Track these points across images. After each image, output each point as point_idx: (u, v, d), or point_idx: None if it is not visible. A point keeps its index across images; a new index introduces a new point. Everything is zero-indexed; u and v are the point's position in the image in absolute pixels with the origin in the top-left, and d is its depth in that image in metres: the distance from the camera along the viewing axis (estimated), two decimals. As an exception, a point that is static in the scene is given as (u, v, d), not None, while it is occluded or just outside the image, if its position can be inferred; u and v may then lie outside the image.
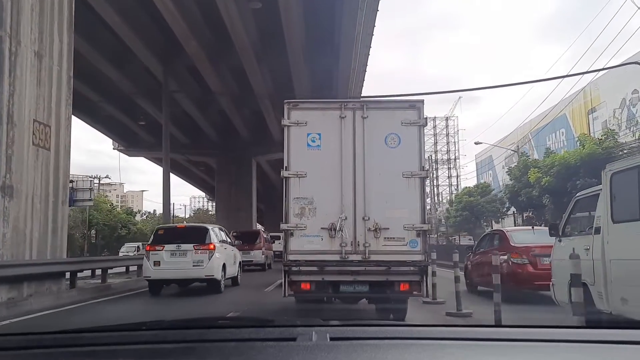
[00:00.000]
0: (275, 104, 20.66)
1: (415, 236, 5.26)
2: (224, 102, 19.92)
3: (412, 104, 5.45)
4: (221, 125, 23.89)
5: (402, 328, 1.29)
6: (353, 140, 5.33)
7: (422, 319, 5.70)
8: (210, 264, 8.91)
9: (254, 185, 26.44)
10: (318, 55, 17.12)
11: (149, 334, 1.27)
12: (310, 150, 5.32)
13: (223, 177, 26.63)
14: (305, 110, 5.46)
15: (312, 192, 5.28)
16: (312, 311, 5.74)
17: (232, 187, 25.71)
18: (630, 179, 4.03)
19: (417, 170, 5.29)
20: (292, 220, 5.26)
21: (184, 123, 23.33)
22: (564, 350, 1.06)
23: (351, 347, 1.06)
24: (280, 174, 5.33)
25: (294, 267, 5.27)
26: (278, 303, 6.38)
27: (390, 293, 5.33)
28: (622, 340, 1.08)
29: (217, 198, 27.61)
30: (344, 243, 5.23)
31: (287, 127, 5.35)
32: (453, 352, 1.05)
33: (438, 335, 1.17)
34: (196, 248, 8.96)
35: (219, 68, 17.37)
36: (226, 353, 1.08)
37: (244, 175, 25.79)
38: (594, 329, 1.20)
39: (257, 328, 1.23)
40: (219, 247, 9.44)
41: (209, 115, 22.41)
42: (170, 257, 8.92)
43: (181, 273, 8.92)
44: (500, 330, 1.28)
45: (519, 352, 1.07)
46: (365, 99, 7.39)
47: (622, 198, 4.16)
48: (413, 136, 5.33)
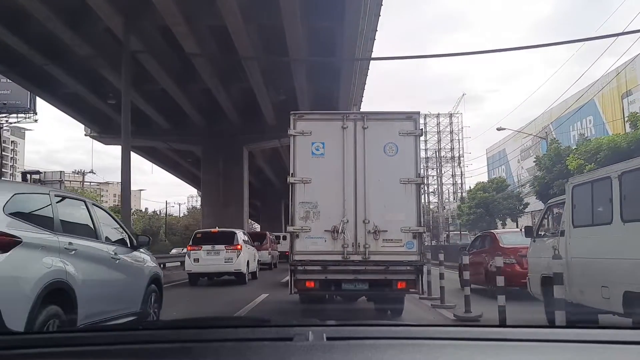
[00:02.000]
0: (268, 78, 20.84)
1: (412, 238, 6.84)
2: (206, 75, 19.59)
3: (408, 116, 7.00)
4: (207, 107, 24.29)
5: (398, 328, 1.52)
6: (354, 149, 6.91)
7: (414, 310, 7.27)
8: (238, 260, 13.47)
9: (245, 177, 27.37)
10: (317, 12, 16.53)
11: (145, 334, 1.51)
12: (314, 158, 6.88)
13: (209, 168, 27.25)
14: (309, 121, 7.04)
15: (316, 197, 6.85)
16: (308, 311, 7.24)
17: (220, 179, 26.42)
18: (586, 191, 5.68)
19: (413, 177, 6.87)
20: (298, 223, 6.84)
21: (164, 105, 23.51)
22: (564, 350, 1.24)
23: (348, 347, 1.24)
24: (287, 180, 6.89)
25: (300, 266, 6.84)
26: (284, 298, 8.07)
27: (389, 291, 6.91)
28: (622, 340, 1.26)
29: (203, 192, 28.42)
30: (346, 244, 6.79)
31: (292, 137, 6.91)
32: (450, 352, 1.23)
33: (435, 335, 1.37)
34: (227, 248, 13.54)
35: (198, 28, 16.66)
36: (223, 353, 1.27)
37: (233, 165, 26.52)
38: (594, 329, 1.40)
39: (253, 328, 1.45)
40: (244, 248, 14.05)
41: (191, 95, 22.56)
42: (207, 255, 13.47)
43: (215, 268, 13.50)
44: (499, 330, 1.48)
45: (517, 352, 1.25)
46: (365, 112, 9.10)
47: (580, 206, 5.82)
48: (410, 145, 6.90)
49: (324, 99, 24.31)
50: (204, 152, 27.79)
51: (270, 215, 48.46)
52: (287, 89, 21.96)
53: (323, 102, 24.28)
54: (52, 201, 4.42)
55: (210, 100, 23.09)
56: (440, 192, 57.06)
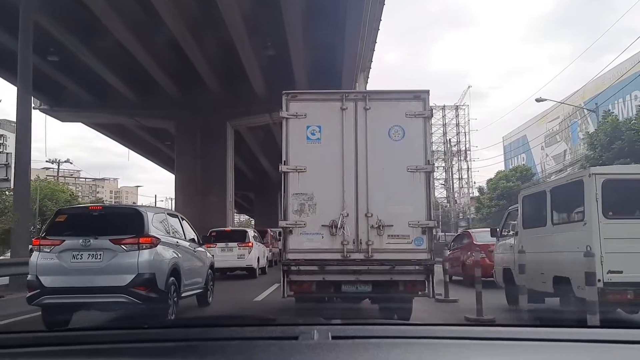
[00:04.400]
0: (251, 26, 19.90)
1: (421, 233, 7.51)
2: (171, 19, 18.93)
3: (416, 95, 7.64)
4: (179, 71, 24.16)
5: (404, 327, 1.82)
6: (355, 133, 7.57)
7: (416, 305, 8.07)
8: (250, 256, 18.45)
9: (229, 160, 27.69)
10: None
11: (151, 332, 1.79)
12: (309, 144, 7.56)
13: (184, 148, 27.51)
14: (304, 101, 7.70)
15: (312, 187, 7.52)
16: (313, 310, 8.01)
17: (197, 162, 26.67)
18: (531, 200, 9.13)
19: (422, 164, 7.53)
20: (291, 217, 7.52)
21: (126, 67, 23.27)
22: (564, 350, 1.51)
23: (353, 346, 1.48)
24: (279, 169, 7.57)
25: (294, 266, 7.51)
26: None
27: (395, 293, 7.54)
28: (623, 340, 1.54)
29: (177, 178, 28.79)
30: (346, 241, 7.47)
31: (285, 120, 7.58)
32: (455, 351, 1.48)
33: (440, 334, 1.64)
34: (239, 245, 18.44)
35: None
36: (228, 351, 1.52)
37: (214, 145, 26.62)
38: (594, 329, 1.71)
39: (259, 327, 1.75)
40: (255, 245, 19.08)
41: (157, 52, 22.11)
42: (221, 252, 17.58)
43: (228, 263, 17.87)
44: (502, 329, 1.72)
45: (519, 351, 1.50)
46: (368, 91, 9.57)
47: (527, 212, 9.37)
48: (418, 128, 7.56)
49: (325, 60, 24.18)
50: (178, 129, 27.94)
51: (266, 208, 50.12)
52: (277, 42, 21.53)
53: (324, 64, 24.15)
54: (166, 217, 9.31)
55: (181, 61, 22.94)
56: (451, 184, 63.47)
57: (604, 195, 7.18)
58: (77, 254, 7.67)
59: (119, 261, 7.62)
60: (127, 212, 9.09)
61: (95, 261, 7.64)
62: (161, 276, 7.86)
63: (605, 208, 7.18)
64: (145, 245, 7.79)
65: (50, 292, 7.54)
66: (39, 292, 7.57)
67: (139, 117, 28.30)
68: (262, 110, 26.30)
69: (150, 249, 7.83)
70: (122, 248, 7.68)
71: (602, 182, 7.25)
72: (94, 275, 7.58)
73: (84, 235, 7.68)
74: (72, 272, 7.61)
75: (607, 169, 9.42)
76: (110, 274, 7.55)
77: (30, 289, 7.68)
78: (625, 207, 7.58)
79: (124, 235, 7.77)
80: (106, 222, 8.12)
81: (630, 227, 7.20)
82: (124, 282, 7.50)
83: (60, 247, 7.70)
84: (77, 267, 7.64)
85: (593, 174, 7.37)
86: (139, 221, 8.00)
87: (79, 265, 7.64)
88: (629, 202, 7.61)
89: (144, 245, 7.78)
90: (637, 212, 7.55)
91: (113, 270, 7.57)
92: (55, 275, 7.62)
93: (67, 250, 7.68)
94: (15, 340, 1.69)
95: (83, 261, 7.66)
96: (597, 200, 7.17)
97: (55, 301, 7.59)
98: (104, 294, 7.55)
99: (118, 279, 7.52)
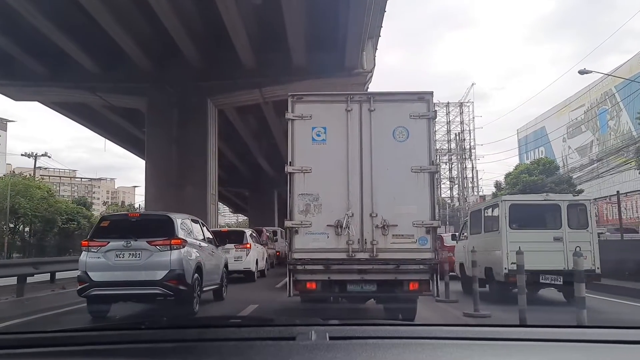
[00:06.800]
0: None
1: (425, 233, 9.34)
2: None
3: (420, 96, 9.50)
4: (152, 39, 24.47)
5: (401, 327, 2.25)
6: (360, 134, 9.42)
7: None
8: (247, 259, 20.97)
9: (210, 144, 27.81)
10: None
11: (148, 333, 2.18)
12: (315, 145, 9.41)
13: (157, 131, 27.87)
14: (309, 103, 9.56)
15: (318, 188, 9.33)
16: (311, 310, 9.77)
17: (172, 147, 27.17)
18: (475, 215, 17.03)
19: (426, 164, 9.39)
20: (297, 217, 9.35)
21: (90, 36, 23.49)
22: (560, 350, 1.85)
23: (350, 346, 1.81)
24: (285, 170, 9.36)
25: (299, 265, 9.28)
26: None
27: (399, 292, 9.29)
28: (622, 340, 1.89)
29: (148, 166, 29.23)
30: (351, 241, 9.25)
31: (291, 121, 9.44)
32: (452, 351, 1.82)
33: (437, 335, 2.02)
34: (236, 247, 20.77)
35: None
36: (225, 352, 1.86)
37: (193, 127, 27.13)
38: (594, 329, 2.06)
39: (256, 327, 2.15)
40: (253, 246, 21.68)
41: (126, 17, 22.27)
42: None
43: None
44: (499, 329, 2.12)
45: (516, 351, 1.84)
46: (372, 92, 11.22)
47: (473, 222, 17.01)
48: (422, 129, 9.43)
49: (325, 23, 24.23)
50: (149, 106, 28.08)
51: (261, 206, 54.27)
52: (268, 2, 21.67)
53: (324, 29, 24.43)
54: (191, 222, 13.14)
55: (152, 24, 23.11)
56: (461, 182, 72.49)
57: (510, 214, 13.45)
58: (119, 253, 11.03)
59: (154, 259, 10.98)
60: (160, 218, 12.29)
61: (134, 259, 11.00)
62: (188, 272, 11.29)
63: (511, 222, 13.39)
64: (176, 246, 11.17)
65: (98, 285, 10.87)
66: (88, 285, 10.89)
67: (102, 93, 28.39)
68: (250, 85, 26.91)
69: (180, 249, 11.23)
70: (157, 248, 11.04)
71: (509, 205, 13.50)
72: (133, 271, 10.90)
73: (125, 238, 11.05)
74: (115, 268, 10.92)
75: (513, 197, 17.30)
76: (147, 269, 10.90)
77: (81, 282, 10.99)
78: (523, 221, 13.64)
79: (158, 238, 11.13)
80: (143, 227, 11.56)
81: (525, 235, 13.10)
82: (159, 277, 10.84)
83: (106, 247, 11.04)
84: (120, 264, 10.98)
85: (503, 200, 13.95)
86: (170, 226, 11.46)
87: (121, 263, 10.98)
88: (525, 219, 13.76)
89: (175, 246, 11.15)
90: (530, 225, 13.67)
91: (149, 266, 10.90)
92: (101, 271, 10.94)
93: (111, 250, 11.03)
94: (14, 341, 2.08)
95: (125, 259, 11.01)
96: (506, 217, 13.42)
97: (101, 292, 10.93)
98: (142, 287, 10.89)
99: (154, 274, 10.86)
